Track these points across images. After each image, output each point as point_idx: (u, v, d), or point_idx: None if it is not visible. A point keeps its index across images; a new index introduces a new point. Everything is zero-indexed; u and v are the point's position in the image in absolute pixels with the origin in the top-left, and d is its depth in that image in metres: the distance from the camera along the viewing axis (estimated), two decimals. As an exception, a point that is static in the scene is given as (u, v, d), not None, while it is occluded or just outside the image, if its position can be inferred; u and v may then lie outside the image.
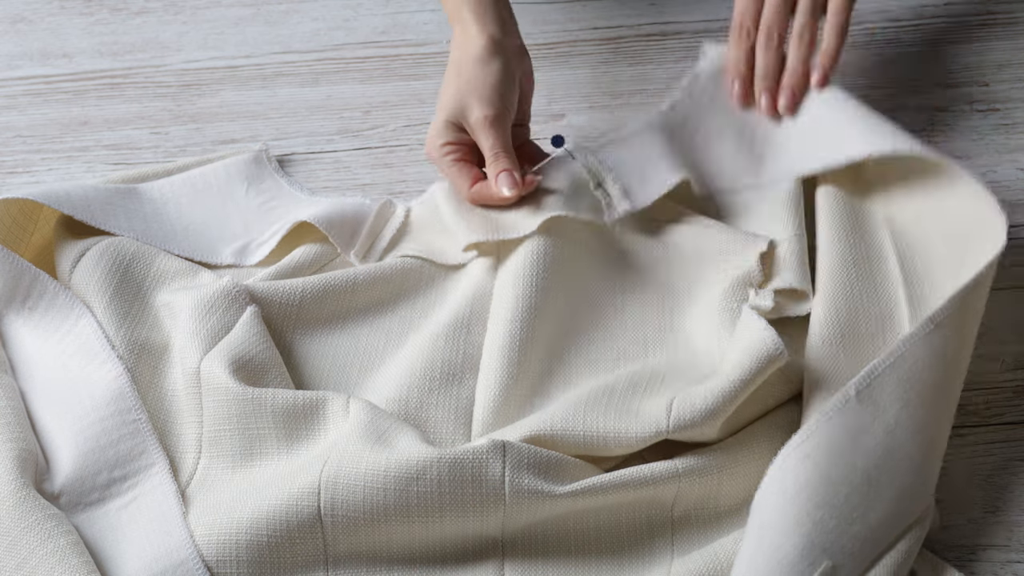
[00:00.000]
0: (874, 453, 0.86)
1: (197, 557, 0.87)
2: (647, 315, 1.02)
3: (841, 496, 0.84)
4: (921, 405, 0.88)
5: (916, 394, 0.88)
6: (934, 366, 0.90)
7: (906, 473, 0.87)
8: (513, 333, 0.98)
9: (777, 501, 0.84)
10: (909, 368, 0.89)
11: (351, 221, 1.07)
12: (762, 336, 0.91)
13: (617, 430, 0.90)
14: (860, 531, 0.84)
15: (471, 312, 1.01)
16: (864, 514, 0.84)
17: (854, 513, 0.84)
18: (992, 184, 1.11)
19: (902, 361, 0.89)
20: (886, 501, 0.85)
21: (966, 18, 1.25)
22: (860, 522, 0.84)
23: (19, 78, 1.24)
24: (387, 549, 0.89)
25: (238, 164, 1.13)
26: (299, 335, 1.01)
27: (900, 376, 0.89)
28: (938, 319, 0.90)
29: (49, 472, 0.92)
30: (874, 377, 0.88)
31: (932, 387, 0.89)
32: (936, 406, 0.90)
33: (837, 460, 0.85)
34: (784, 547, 0.83)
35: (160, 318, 1.01)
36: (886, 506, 0.85)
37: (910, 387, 0.88)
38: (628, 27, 1.26)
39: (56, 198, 1.03)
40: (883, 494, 0.85)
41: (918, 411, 0.88)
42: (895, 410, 0.88)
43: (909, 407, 0.88)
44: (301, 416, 0.93)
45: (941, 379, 0.90)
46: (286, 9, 1.29)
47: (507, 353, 0.97)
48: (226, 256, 1.06)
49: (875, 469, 0.86)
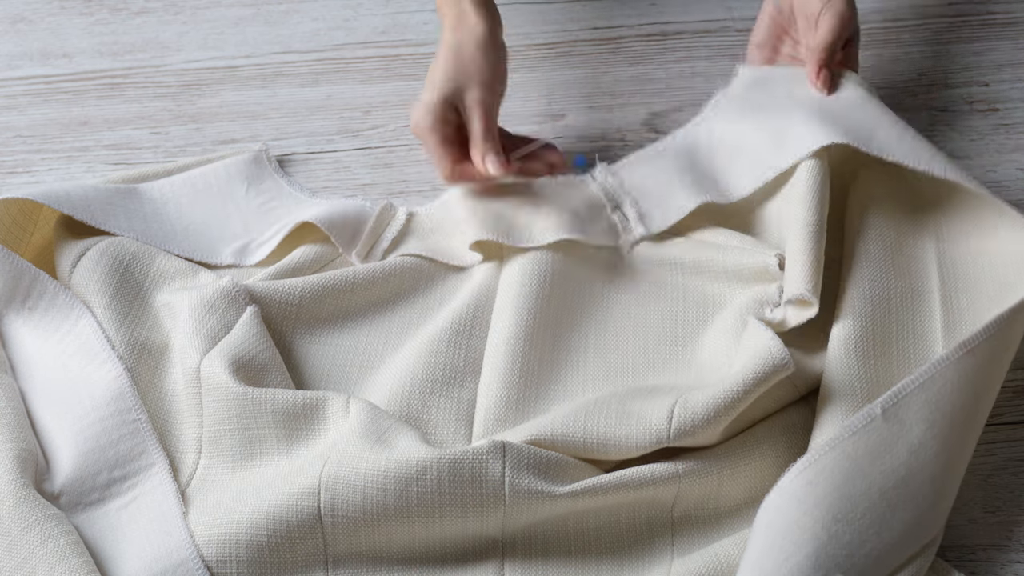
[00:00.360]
0: (896, 473, 0.86)
1: (197, 557, 0.87)
2: (654, 328, 1.01)
3: (859, 512, 0.84)
4: (947, 427, 0.88)
5: (942, 416, 0.88)
6: (963, 391, 0.89)
7: (925, 495, 0.86)
8: (516, 338, 0.97)
9: (791, 510, 0.84)
10: (938, 391, 0.88)
11: (352, 222, 1.07)
12: (768, 345, 0.91)
13: (618, 436, 0.90)
14: (874, 549, 0.83)
15: (474, 315, 1.01)
16: (879, 532, 0.84)
17: (870, 530, 0.84)
18: (992, 184, 1.11)
19: (931, 383, 0.89)
20: (902, 522, 0.85)
21: (966, 18, 1.25)
22: (875, 540, 0.84)
23: (19, 78, 1.24)
24: (387, 549, 0.89)
25: (238, 164, 1.13)
26: (299, 335, 1.01)
27: (928, 398, 0.88)
28: (971, 345, 0.90)
29: (49, 472, 0.92)
30: (902, 397, 0.88)
31: (959, 411, 0.89)
32: (961, 431, 0.89)
33: (857, 476, 0.85)
34: (796, 556, 0.82)
35: (160, 318, 1.01)
36: (902, 527, 0.85)
37: (937, 409, 0.88)
38: (628, 27, 1.26)
39: (56, 198, 1.03)
40: (900, 515, 0.85)
41: (943, 433, 0.88)
42: (920, 431, 0.87)
43: (934, 428, 0.87)
44: (301, 416, 0.93)
45: (969, 405, 0.89)
46: (286, 9, 1.29)
47: (509, 358, 0.97)
48: (226, 256, 1.06)
49: (894, 489, 0.85)
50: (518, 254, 1.03)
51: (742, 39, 1.23)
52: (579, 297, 1.02)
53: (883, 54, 1.23)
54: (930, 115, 1.17)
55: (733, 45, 1.24)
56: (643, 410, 0.91)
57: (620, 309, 1.02)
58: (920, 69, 1.21)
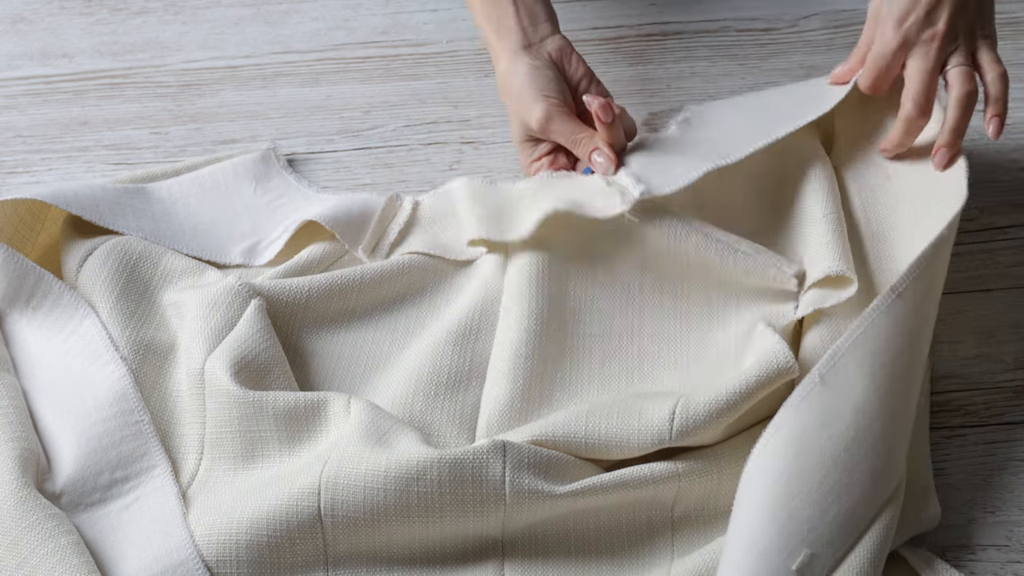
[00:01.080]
0: (845, 436, 0.85)
1: (197, 557, 0.87)
2: (663, 333, 1.00)
3: (815, 482, 0.84)
4: (888, 378, 0.87)
5: (881, 367, 0.87)
6: (899, 335, 0.88)
7: (879, 451, 0.86)
8: (520, 343, 0.97)
9: (753, 496, 0.84)
10: (872, 342, 0.88)
11: (358, 217, 1.06)
12: (773, 348, 0.91)
13: (619, 436, 0.90)
14: (837, 516, 0.83)
15: (480, 319, 1.01)
16: (839, 497, 0.84)
17: (829, 498, 0.84)
18: (992, 184, 1.11)
19: (864, 337, 0.88)
20: (860, 482, 0.85)
21: (966, 18, 1.25)
22: (836, 506, 0.84)
23: (19, 78, 1.24)
24: (387, 549, 0.89)
25: (246, 163, 1.13)
26: (306, 333, 1.01)
27: (865, 351, 0.87)
28: (899, 288, 0.89)
29: (51, 472, 0.92)
30: (839, 358, 0.87)
31: (898, 358, 0.88)
32: (903, 378, 0.88)
33: (808, 447, 0.85)
34: (761, 542, 0.82)
35: (167, 317, 1.01)
36: (861, 487, 0.85)
37: (875, 360, 0.87)
38: (628, 27, 1.26)
39: (64, 198, 1.03)
40: (857, 476, 0.85)
41: (885, 384, 0.87)
42: (862, 387, 0.86)
43: (876, 380, 0.87)
44: (303, 418, 0.93)
45: (906, 348, 0.89)
46: (286, 9, 1.29)
47: (514, 363, 0.97)
48: (235, 256, 1.06)
49: (846, 451, 0.85)
50: (522, 250, 1.02)
51: (742, 39, 1.23)
52: (584, 299, 1.02)
53: (883, 54, 1.23)
54: (930, 115, 1.17)
55: (733, 45, 1.24)
56: (645, 410, 0.91)
57: (626, 312, 1.02)
58: (920, 69, 1.21)
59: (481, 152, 1.17)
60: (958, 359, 0.99)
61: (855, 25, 1.25)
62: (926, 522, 0.91)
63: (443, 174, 1.15)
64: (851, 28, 1.25)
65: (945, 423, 0.97)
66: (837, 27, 1.25)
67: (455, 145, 1.17)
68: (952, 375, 0.99)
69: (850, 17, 1.26)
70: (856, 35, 1.24)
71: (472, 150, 1.17)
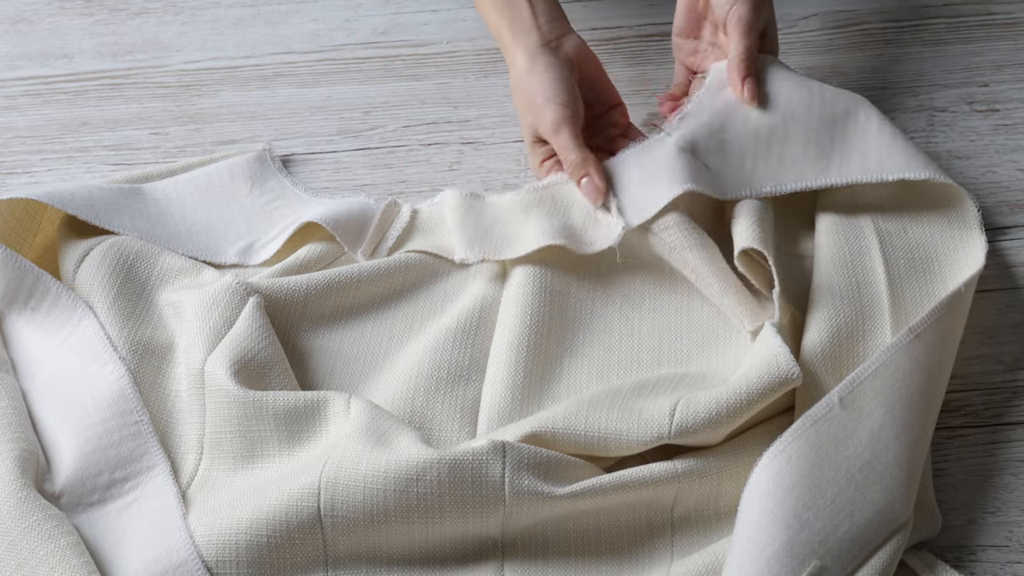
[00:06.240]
0: (860, 457, 0.87)
1: (197, 558, 0.87)
2: (663, 325, 1.01)
3: (828, 498, 0.85)
4: (905, 409, 0.90)
5: (899, 399, 0.90)
6: (917, 372, 0.91)
7: (893, 475, 0.87)
8: (521, 338, 0.97)
9: (762, 503, 0.85)
10: (891, 375, 0.91)
11: (357, 220, 1.07)
12: (776, 354, 0.91)
13: (618, 431, 0.90)
14: (848, 532, 0.85)
15: (480, 315, 1.01)
16: (851, 515, 0.85)
17: (841, 514, 0.85)
18: (992, 184, 1.12)
19: (884, 369, 0.91)
20: (873, 503, 0.86)
21: (965, 19, 1.25)
22: (847, 522, 0.85)
23: (19, 78, 1.24)
24: (387, 550, 0.89)
25: (242, 164, 1.13)
26: (304, 330, 1.01)
27: (883, 383, 0.90)
28: (918, 330, 0.92)
29: (50, 472, 0.92)
30: (857, 385, 0.90)
31: (915, 393, 0.91)
32: (919, 411, 0.91)
33: (822, 463, 0.86)
34: (771, 547, 0.83)
35: (164, 317, 1.01)
36: (873, 507, 0.86)
37: (893, 392, 0.90)
38: (628, 27, 1.26)
39: (60, 198, 1.03)
40: (870, 496, 0.86)
41: (902, 415, 0.89)
42: (879, 415, 0.89)
43: (893, 411, 0.89)
44: (302, 418, 0.93)
45: (924, 385, 0.92)
46: (286, 9, 1.29)
47: (514, 357, 0.97)
48: (231, 256, 1.06)
49: (860, 472, 0.87)
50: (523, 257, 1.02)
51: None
52: (585, 295, 1.02)
53: (883, 54, 1.23)
54: (930, 115, 1.17)
55: (733, 45, 1.24)
56: (645, 406, 0.91)
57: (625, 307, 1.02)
58: (920, 69, 1.21)
59: (481, 152, 1.17)
60: (958, 359, 0.99)
61: (855, 25, 1.25)
62: (925, 532, 0.91)
63: (443, 174, 1.15)
64: (851, 28, 1.25)
65: (945, 423, 0.97)
66: (837, 27, 1.25)
67: (455, 145, 1.17)
68: (952, 375, 0.99)
69: (850, 17, 1.26)
70: (856, 35, 1.25)
71: (472, 150, 1.17)
